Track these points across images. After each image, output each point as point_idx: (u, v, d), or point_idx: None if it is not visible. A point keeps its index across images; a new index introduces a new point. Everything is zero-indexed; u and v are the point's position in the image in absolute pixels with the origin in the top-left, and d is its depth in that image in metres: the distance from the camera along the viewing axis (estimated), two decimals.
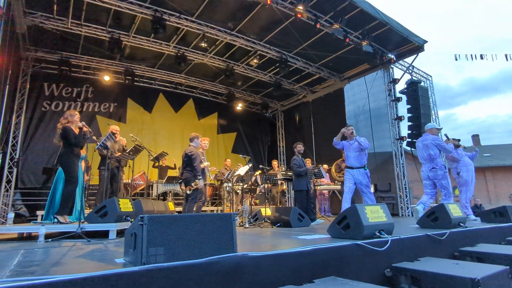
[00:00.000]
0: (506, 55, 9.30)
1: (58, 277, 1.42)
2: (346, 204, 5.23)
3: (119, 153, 6.04)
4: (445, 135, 5.80)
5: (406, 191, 8.93)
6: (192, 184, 5.39)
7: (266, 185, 7.99)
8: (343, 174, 6.84)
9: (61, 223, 3.98)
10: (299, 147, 6.28)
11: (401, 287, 2.40)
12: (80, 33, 7.75)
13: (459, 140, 6.23)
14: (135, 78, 9.79)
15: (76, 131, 4.30)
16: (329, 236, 3.07)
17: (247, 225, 5.13)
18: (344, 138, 5.65)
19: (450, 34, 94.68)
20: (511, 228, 4.43)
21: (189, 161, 5.46)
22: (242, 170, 6.69)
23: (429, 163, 5.48)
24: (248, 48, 8.85)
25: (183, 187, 5.54)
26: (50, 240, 3.36)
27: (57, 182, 4.34)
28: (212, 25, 7.94)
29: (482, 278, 2.06)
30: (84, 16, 7.33)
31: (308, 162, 7.44)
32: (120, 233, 3.82)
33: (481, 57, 9.44)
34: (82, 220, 3.60)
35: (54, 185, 4.34)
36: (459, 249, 3.27)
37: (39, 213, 6.04)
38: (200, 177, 5.54)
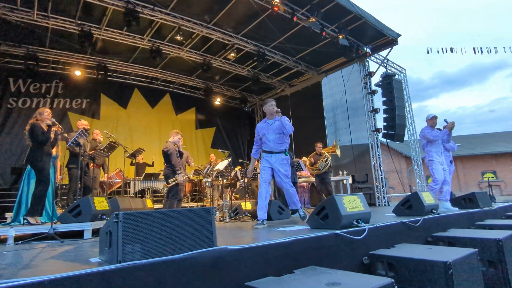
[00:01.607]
0: (474, 49, 9.73)
1: (28, 279, 1.34)
2: (262, 202, 4.03)
3: (93, 151, 5.83)
4: (445, 120, 5.75)
5: (382, 182, 9.20)
6: (170, 180, 5.36)
7: (246, 179, 7.99)
8: (316, 167, 6.94)
9: (31, 224, 3.80)
10: None
11: (378, 273, 2.47)
12: (47, 26, 7.35)
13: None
14: (108, 73, 9.44)
15: (46, 128, 4.11)
16: (309, 227, 3.11)
17: (227, 220, 5.11)
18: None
19: (421, 28, 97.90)
20: (479, 213, 4.67)
21: (166, 158, 5.46)
22: (222, 164, 6.66)
23: None
24: (225, 42, 8.74)
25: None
26: (20, 242, 3.20)
27: (25, 182, 4.13)
28: (188, 18, 7.76)
29: (453, 261, 2.15)
30: (51, 8, 6.95)
31: None
32: (95, 232, 3.70)
33: (451, 51, 9.83)
34: (54, 221, 3.46)
35: (22, 185, 4.13)
36: (432, 235, 3.41)
37: (8, 215, 5.74)
38: (179, 172, 5.50)
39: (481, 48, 9.80)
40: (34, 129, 4.01)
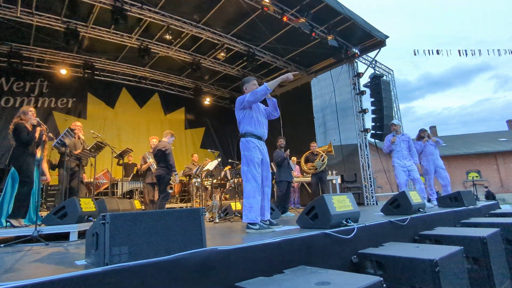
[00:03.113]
0: (459, 51, 9.95)
1: (11, 283, 1.30)
2: (254, 198, 3.19)
3: (79, 151, 5.71)
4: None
5: (370, 181, 9.31)
6: (171, 182, 5.32)
7: (235, 179, 7.96)
8: (312, 166, 6.99)
9: (15, 226, 3.69)
10: (280, 141, 6.56)
11: (367, 272, 2.49)
12: (32, 23, 7.17)
13: (424, 131, 6.76)
14: (95, 72, 9.28)
15: (30, 128, 4.00)
16: (298, 227, 3.11)
17: (217, 220, 5.08)
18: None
19: (408, 30, 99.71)
20: (464, 211, 4.77)
21: (163, 157, 5.31)
22: (211, 165, 6.62)
23: None
24: (215, 41, 8.70)
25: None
26: (2, 245, 3.10)
27: (8, 183, 4.01)
28: (177, 17, 7.69)
29: (440, 258, 2.19)
30: (36, 4, 6.79)
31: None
32: (82, 234, 3.62)
33: (437, 53, 10.02)
34: (39, 223, 3.37)
35: (6, 186, 4.01)
36: (419, 233, 3.46)
37: None
38: (176, 172, 5.45)
39: (465, 51, 10.04)
40: (18, 129, 3.90)
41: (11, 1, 6.62)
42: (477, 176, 22.94)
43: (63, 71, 9.07)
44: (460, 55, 9.96)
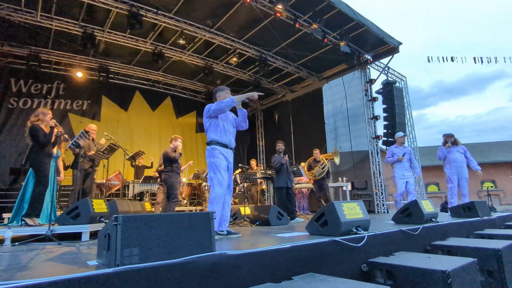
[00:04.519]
0: (474, 58, 9.77)
1: (25, 281, 1.33)
2: (218, 204, 3.27)
3: (92, 152, 5.83)
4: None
5: (381, 189, 9.18)
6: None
7: (245, 184, 7.98)
8: (312, 173, 6.94)
9: (29, 225, 3.78)
10: (279, 145, 6.47)
11: (377, 281, 2.46)
12: (51, 27, 7.40)
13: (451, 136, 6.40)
14: (110, 75, 9.47)
15: (47, 130, 4.11)
16: (308, 233, 3.09)
17: None
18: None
19: (420, 37, 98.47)
20: (478, 222, 4.65)
21: (167, 162, 5.57)
22: None
23: None
24: (228, 46, 8.78)
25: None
26: (17, 243, 3.18)
27: (27, 183, 4.12)
28: (191, 22, 7.81)
29: (452, 270, 2.14)
30: (55, 9, 7.01)
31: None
32: (93, 235, 3.68)
33: (452, 59, 9.87)
34: (52, 222, 3.44)
35: (25, 185, 4.12)
36: (431, 243, 3.39)
37: (6, 215, 5.72)
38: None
39: (481, 58, 9.84)
40: (35, 130, 4.00)
41: (32, 6, 6.85)
42: (492, 186, 22.34)
43: (79, 74, 9.31)
44: (475, 63, 9.79)
